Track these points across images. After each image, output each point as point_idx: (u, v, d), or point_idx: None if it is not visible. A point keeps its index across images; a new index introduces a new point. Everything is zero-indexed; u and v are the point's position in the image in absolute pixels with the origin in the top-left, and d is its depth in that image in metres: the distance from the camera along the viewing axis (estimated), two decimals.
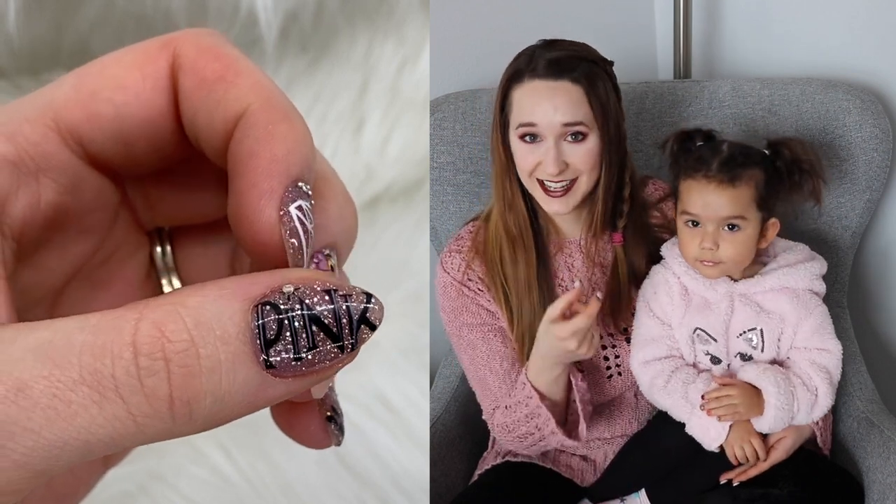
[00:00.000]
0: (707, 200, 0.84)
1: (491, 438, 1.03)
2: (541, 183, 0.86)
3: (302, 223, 0.31)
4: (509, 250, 0.91)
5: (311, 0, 0.69)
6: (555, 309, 0.81)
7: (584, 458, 0.99)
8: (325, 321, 0.29)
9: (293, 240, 0.31)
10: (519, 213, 0.90)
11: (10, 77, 0.66)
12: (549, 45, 0.87)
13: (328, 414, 0.35)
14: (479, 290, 0.93)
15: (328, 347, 0.29)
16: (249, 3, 0.67)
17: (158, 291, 0.40)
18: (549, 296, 0.91)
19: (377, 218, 0.78)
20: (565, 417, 0.91)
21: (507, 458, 0.99)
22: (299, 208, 0.31)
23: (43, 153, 0.33)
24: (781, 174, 0.86)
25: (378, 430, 0.73)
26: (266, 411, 0.36)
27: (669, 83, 1.12)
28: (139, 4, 0.65)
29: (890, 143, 1.02)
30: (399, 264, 0.78)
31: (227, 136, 0.32)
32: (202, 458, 0.70)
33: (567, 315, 0.81)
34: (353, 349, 0.30)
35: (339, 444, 0.36)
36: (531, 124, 0.85)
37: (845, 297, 1.08)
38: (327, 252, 0.34)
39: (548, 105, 0.84)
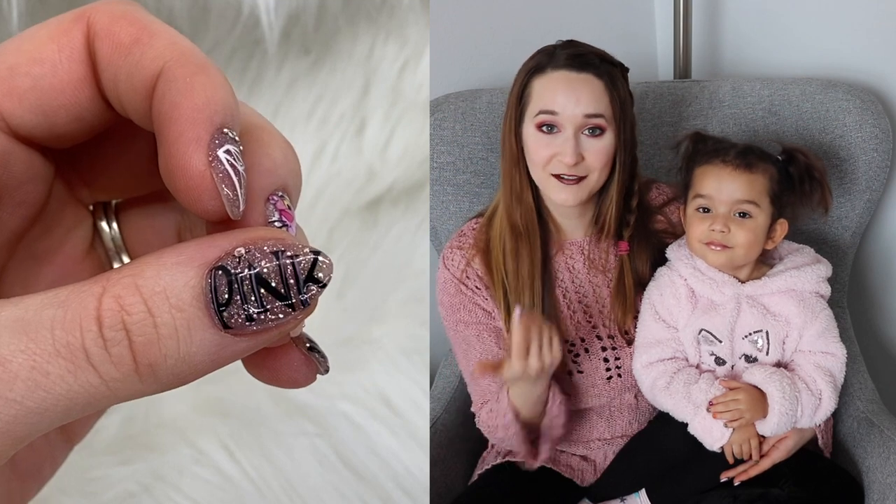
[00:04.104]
0: (722, 183, 0.84)
1: None
2: (555, 174, 0.86)
3: (233, 166, 0.32)
4: (513, 244, 0.91)
5: (313, 1, 0.69)
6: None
7: (584, 458, 0.99)
8: (272, 282, 0.31)
9: (225, 185, 0.32)
10: (527, 206, 0.90)
11: None
12: (569, 44, 0.88)
13: (308, 346, 0.36)
14: (476, 288, 0.93)
15: (277, 306, 0.31)
16: (251, 4, 0.67)
17: (103, 264, 0.41)
18: (548, 295, 0.92)
19: (379, 219, 0.78)
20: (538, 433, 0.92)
21: (507, 458, 0.99)
22: (227, 152, 0.32)
23: None
24: (793, 180, 0.87)
25: (380, 430, 0.74)
26: (265, 413, 0.37)
27: (669, 83, 1.13)
28: (145, 7, 0.65)
29: (890, 143, 1.02)
30: (400, 265, 0.78)
31: (149, 95, 0.33)
32: (205, 458, 0.70)
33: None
34: (304, 306, 0.32)
35: (327, 370, 0.37)
36: (552, 112, 0.85)
37: (845, 298, 1.08)
38: (280, 194, 0.35)
39: (571, 95, 0.84)
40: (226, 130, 0.32)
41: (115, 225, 0.41)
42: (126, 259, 0.41)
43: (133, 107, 0.34)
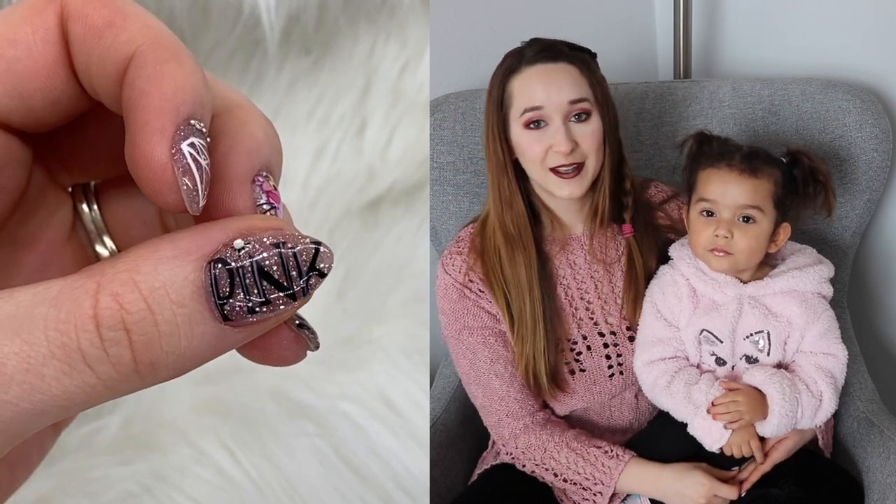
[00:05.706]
0: (727, 188, 0.84)
1: (491, 439, 1.03)
2: (553, 170, 0.86)
3: (195, 160, 0.31)
4: (507, 251, 0.90)
5: (314, 1, 0.69)
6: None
7: None
8: (275, 276, 0.31)
9: (186, 179, 0.31)
10: (518, 211, 0.90)
11: None
12: (534, 41, 0.88)
13: (297, 323, 0.36)
14: (480, 291, 0.92)
15: (278, 297, 0.31)
16: (252, 4, 0.67)
17: (85, 247, 0.41)
18: (549, 297, 0.91)
19: (379, 219, 0.78)
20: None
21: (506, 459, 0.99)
22: (192, 145, 0.31)
23: None
24: (797, 183, 0.87)
25: (380, 430, 0.74)
26: (266, 414, 0.37)
27: (669, 83, 1.13)
28: (142, 6, 0.66)
29: (890, 143, 1.02)
30: (401, 265, 0.78)
31: (120, 80, 0.33)
32: (206, 458, 0.70)
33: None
34: (304, 295, 0.32)
35: (317, 346, 0.36)
36: (538, 108, 0.85)
37: (845, 298, 1.09)
38: (265, 174, 0.34)
39: (552, 86, 0.85)
40: (192, 122, 0.32)
41: (95, 207, 0.41)
42: (108, 241, 0.41)
43: (105, 91, 0.34)
